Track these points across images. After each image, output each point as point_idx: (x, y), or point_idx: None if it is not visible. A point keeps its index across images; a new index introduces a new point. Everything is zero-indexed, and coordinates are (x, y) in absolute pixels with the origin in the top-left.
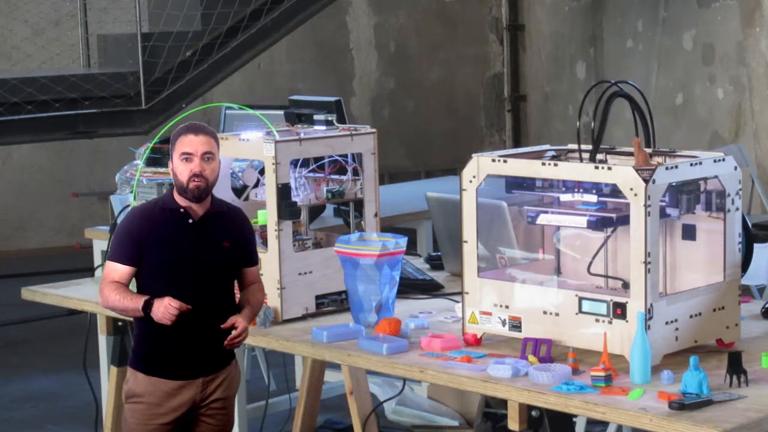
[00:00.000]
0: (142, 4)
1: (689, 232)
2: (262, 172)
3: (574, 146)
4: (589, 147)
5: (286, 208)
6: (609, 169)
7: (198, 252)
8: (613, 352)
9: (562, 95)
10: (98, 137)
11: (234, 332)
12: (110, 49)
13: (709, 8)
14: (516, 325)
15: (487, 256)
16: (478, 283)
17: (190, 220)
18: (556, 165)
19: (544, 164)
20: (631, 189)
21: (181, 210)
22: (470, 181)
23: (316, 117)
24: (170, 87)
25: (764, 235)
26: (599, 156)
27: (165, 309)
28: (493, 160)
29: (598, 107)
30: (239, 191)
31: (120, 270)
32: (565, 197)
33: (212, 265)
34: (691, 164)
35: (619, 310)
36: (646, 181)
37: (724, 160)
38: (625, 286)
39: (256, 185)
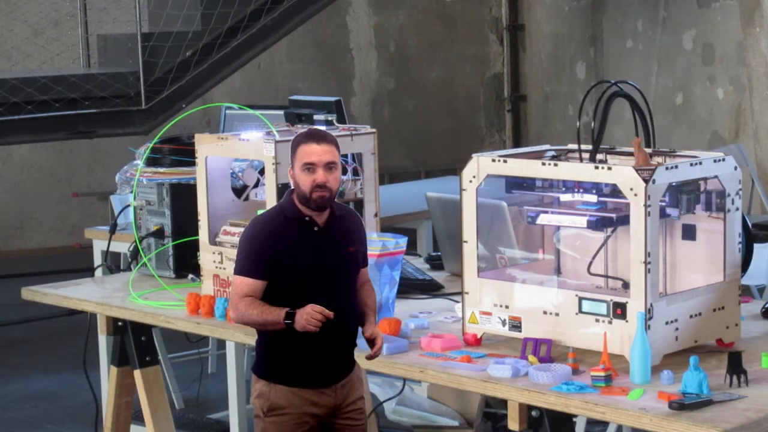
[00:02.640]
0: (142, 4)
1: (689, 232)
2: (262, 172)
3: (574, 146)
4: (589, 147)
5: None
6: (609, 169)
7: (326, 259)
8: (613, 352)
9: (562, 95)
10: (98, 137)
11: (375, 348)
12: (110, 49)
13: (709, 8)
14: (516, 325)
15: (487, 256)
16: (478, 283)
17: (316, 228)
18: (556, 165)
19: (544, 164)
20: (631, 189)
21: (307, 218)
22: (470, 181)
23: (316, 117)
24: (170, 87)
25: (764, 235)
26: (599, 156)
27: (309, 316)
28: (493, 160)
29: (598, 107)
30: (239, 191)
31: (252, 284)
32: (565, 197)
33: (340, 271)
34: (691, 164)
35: (619, 310)
36: (646, 181)
37: (724, 160)
38: (625, 286)
39: (256, 185)
